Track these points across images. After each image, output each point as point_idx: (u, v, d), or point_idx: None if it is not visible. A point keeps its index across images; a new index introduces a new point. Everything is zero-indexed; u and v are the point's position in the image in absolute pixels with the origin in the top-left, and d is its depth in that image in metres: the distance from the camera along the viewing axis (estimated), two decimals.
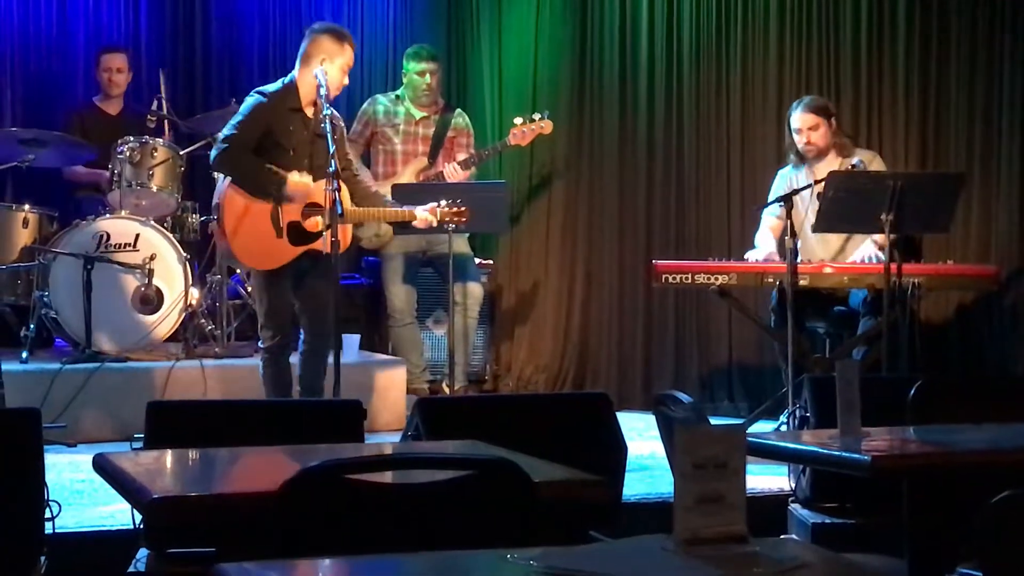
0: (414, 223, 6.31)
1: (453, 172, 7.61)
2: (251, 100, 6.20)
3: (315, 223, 6.09)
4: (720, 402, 7.90)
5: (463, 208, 6.23)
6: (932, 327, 7.44)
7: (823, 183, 6.39)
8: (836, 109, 7.22)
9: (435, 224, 6.25)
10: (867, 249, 6.83)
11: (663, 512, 5.32)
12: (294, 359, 6.38)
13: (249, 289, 7.37)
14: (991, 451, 3.48)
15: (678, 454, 2.06)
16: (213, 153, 6.16)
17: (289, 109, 6.14)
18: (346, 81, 6.30)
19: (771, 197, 6.92)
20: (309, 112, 6.16)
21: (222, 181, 6.26)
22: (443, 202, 6.20)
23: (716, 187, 8.10)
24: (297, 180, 6.05)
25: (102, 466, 3.09)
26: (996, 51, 7.57)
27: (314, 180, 6.09)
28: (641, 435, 6.58)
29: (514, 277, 8.63)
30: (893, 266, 6.30)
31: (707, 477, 2.07)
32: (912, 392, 4.03)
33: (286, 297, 6.23)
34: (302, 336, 6.35)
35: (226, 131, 6.13)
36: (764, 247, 6.90)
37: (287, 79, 6.25)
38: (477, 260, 8.08)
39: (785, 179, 7.01)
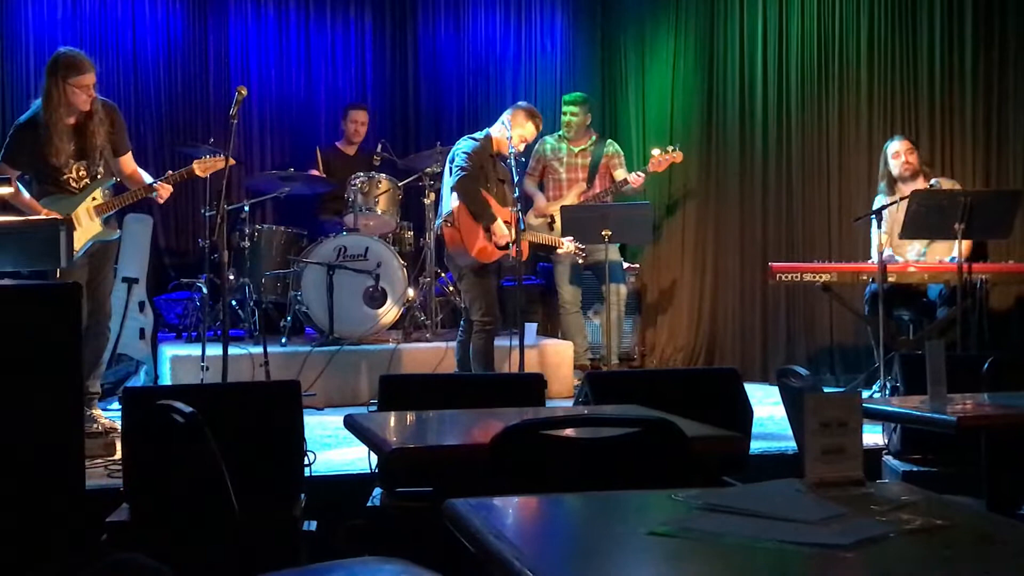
0: (559, 251, 6.93)
1: (636, 178, 7.57)
2: (470, 144, 6.28)
3: (504, 236, 6.18)
4: (823, 375, 7.72)
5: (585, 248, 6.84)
6: (997, 314, 7.18)
7: (907, 199, 6.23)
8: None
9: (573, 251, 6.82)
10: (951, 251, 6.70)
11: (780, 462, 5.24)
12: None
13: (451, 288, 7.45)
14: None
15: (808, 415, 2.02)
16: (454, 179, 6.23)
17: (488, 155, 6.27)
18: (521, 147, 6.48)
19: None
20: (498, 158, 6.32)
21: (451, 196, 6.31)
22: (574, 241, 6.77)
23: (818, 204, 7.93)
24: (500, 226, 6.18)
25: (351, 424, 3.15)
26: None
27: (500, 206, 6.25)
28: (761, 402, 6.45)
29: (657, 276, 8.56)
30: (965, 265, 6.12)
31: (831, 433, 2.03)
32: (986, 366, 3.93)
33: (496, 288, 6.44)
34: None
35: (461, 162, 6.20)
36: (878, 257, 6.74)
37: (484, 132, 6.34)
38: (626, 264, 8.02)
39: (878, 202, 6.86)
